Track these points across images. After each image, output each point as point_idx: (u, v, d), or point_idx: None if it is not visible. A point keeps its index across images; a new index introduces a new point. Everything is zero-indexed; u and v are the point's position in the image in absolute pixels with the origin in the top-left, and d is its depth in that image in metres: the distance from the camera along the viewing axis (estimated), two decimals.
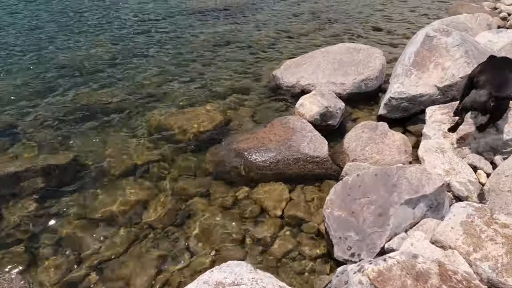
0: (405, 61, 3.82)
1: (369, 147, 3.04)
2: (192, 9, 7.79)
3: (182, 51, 5.67)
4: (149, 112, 4.06)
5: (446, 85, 3.46)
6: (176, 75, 4.89)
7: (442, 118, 3.13)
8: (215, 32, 6.45)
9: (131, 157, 3.37)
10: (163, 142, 3.58)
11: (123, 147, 3.50)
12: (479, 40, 5.09)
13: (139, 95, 4.41)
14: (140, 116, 4.00)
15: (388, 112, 3.71)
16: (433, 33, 3.84)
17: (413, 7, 8.20)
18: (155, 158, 3.37)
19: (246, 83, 4.66)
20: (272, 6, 8.14)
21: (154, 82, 4.72)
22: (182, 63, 5.26)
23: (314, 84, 4.22)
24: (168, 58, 5.43)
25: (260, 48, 5.77)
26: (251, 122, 3.88)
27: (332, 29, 6.67)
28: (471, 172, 2.61)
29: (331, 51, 4.54)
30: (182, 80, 4.76)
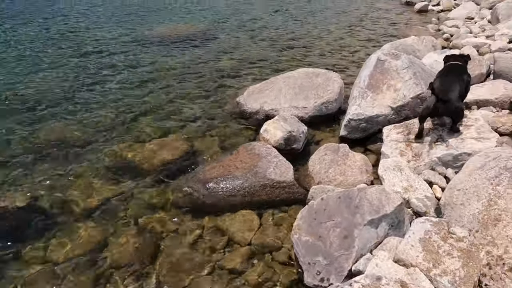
0: (361, 83, 4.03)
1: (332, 169, 3.14)
2: (153, 38, 7.84)
3: (143, 80, 5.65)
4: (110, 145, 3.97)
5: (399, 105, 3.68)
6: (137, 106, 4.85)
7: (398, 137, 3.31)
8: (178, 60, 6.51)
9: (92, 194, 3.26)
10: (125, 176, 3.50)
11: (83, 184, 3.38)
12: (427, 60, 5.49)
13: (99, 127, 4.32)
14: (101, 149, 3.90)
15: (349, 133, 3.87)
16: (384, 57, 4.10)
17: (367, 30, 8.74)
18: (117, 193, 3.28)
19: (210, 111, 4.70)
20: (233, 34, 8.37)
21: (115, 113, 4.64)
22: (143, 93, 5.23)
23: (277, 109, 4.33)
24: (129, 88, 5.38)
25: (222, 75, 5.87)
26: (217, 150, 3.89)
27: (291, 55, 6.94)
28: (427, 187, 2.75)
29: (291, 76, 4.70)
30: (144, 110, 4.72)
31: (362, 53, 6.97)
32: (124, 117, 4.55)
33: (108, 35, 8.03)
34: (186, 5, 11.68)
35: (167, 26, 8.95)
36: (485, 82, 4.49)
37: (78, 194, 3.26)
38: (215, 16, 10.25)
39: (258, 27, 9.00)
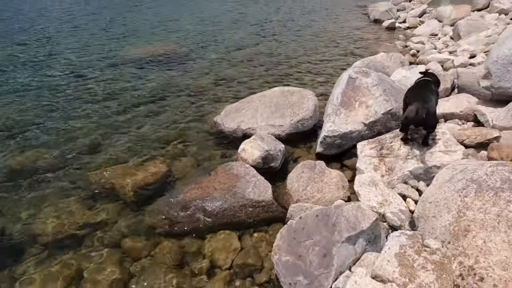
0: (334, 101, 4.15)
1: (310, 187, 3.19)
2: (129, 59, 7.81)
3: (119, 102, 5.59)
4: (84, 170, 3.88)
5: (371, 121, 3.81)
6: (114, 128, 4.78)
7: (371, 152, 3.41)
8: (153, 81, 6.49)
9: (65, 222, 3.16)
10: (101, 201, 3.42)
11: (56, 212, 3.28)
12: (396, 76, 5.74)
13: (72, 152, 4.22)
14: (74, 175, 3.81)
15: (325, 150, 3.95)
16: (355, 75, 4.26)
17: (339, 48, 9.05)
18: (94, 220, 3.20)
19: (188, 132, 4.69)
20: (209, 53, 8.46)
21: (89, 137, 4.56)
22: (120, 114, 5.17)
23: (254, 128, 4.38)
24: (103, 111, 5.30)
25: (199, 95, 5.90)
26: (196, 171, 3.87)
27: (266, 73, 7.07)
28: (401, 201, 2.84)
29: (267, 95, 4.78)
30: (121, 133, 4.66)
31: (334, 70, 7.19)
32: (98, 140, 4.47)
33: (81, 58, 7.93)
34: (160, 25, 11.73)
35: (141, 46, 8.94)
36: (450, 96, 4.73)
37: (50, 223, 3.15)
38: (190, 35, 10.34)
39: (233, 46, 9.14)
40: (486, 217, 2.24)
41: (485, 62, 4.03)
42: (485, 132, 3.38)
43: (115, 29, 10.90)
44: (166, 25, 11.76)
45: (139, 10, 14.98)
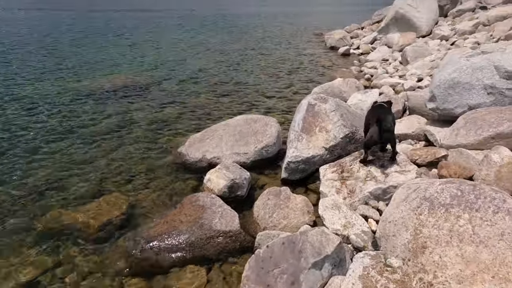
0: (296, 127, 4.29)
1: (276, 213, 3.22)
2: (87, 92, 7.63)
3: (78, 137, 5.40)
4: (42, 209, 3.67)
5: (331, 146, 3.97)
6: (73, 164, 4.59)
7: (333, 176, 3.54)
8: (114, 114, 6.36)
9: (26, 266, 2.94)
10: (62, 242, 3.24)
11: (15, 255, 3.05)
12: (352, 100, 6.06)
13: (31, 191, 3.98)
14: (33, 214, 3.59)
15: (289, 175, 4.04)
16: (314, 101, 4.45)
17: (298, 74, 9.43)
18: (55, 262, 3.01)
19: (152, 164, 4.61)
20: (171, 83, 8.47)
21: (48, 174, 4.34)
22: (79, 150, 4.99)
23: (219, 157, 4.40)
24: (63, 146, 5.09)
25: (162, 126, 5.85)
26: (161, 204, 3.79)
27: (229, 101, 7.18)
28: (363, 222, 2.95)
29: (231, 123, 4.86)
30: (81, 169, 4.48)
31: (295, 96, 7.46)
32: (57, 178, 4.26)
33: (36, 91, 7.63)
34: (119, 56, 11.64)
35: (101, 78, 8.79)
36: (402, 117, 5.05)
37: (10, 267, 2.92)
38: (150, 65, 10.33)
39: (194, 75, 9.23)
40: (440, 233, 2.37)
41: (430, 86, 4.39)
42: (434, 151, 3.63)
43: (73, 61, 10.66)
44: (124, 56, 11.69)
45: (97, 42, 14.82)
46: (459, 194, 2.51)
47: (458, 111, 4.04)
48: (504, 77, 3.69)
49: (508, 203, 2.36)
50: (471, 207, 2.40)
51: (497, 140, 3.34)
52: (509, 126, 3.25)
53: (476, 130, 3.50)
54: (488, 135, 3.38)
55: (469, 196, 2.46)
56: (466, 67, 4.00)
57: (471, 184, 2.60)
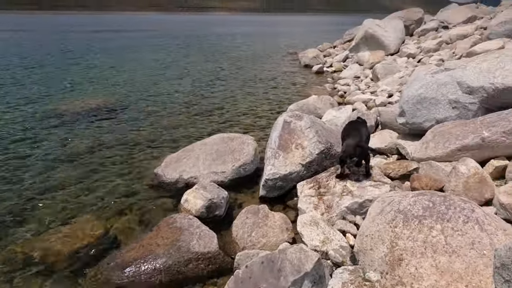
0: (272, 144, 4.33)
1: (254, 232, 3.20)
2: (59, 113, 7.44)
3: (49, 161, 5.21)
4: (10, 240, 3.46)
5: (308, 162, 4.01)
6: (45, 188, 4.41)
7: (310, 192, 3.57)
8: (87, 136, 6.20)
9: None
10: (31, 276, 3.05)
11: None
12: (327, 116, 6.20)
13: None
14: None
15: (267, 192, 4.04)
16: (289, 119, 4.53)
17: (274, 92, 9.59)
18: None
19: (127, 186, 4.49)
20: (145, 103, 8.41)
21: (17, 201, 4.13)
22: (50, 175, 4.80)
23: (196, 177, 4.35)
24: (33, 171, 4.89)
25: (137, 147, 5.75)
26: (136, 228, 3.68)
27: (205, 120, 7.18)
28: (341, 237, 2.97)
29: (208, 142, 4.84)
30: (52, 193, 4.30)
31: (272, 114, 7.56)
32: (26, 206, 4.06)
33: (5, 115, 7.36)
34: (91, 78, 11.46)
35: (73, 101, 8.60)
36: (375, 132, 5.21)
37: None
38: (124, 87, 10.23)
39: (169, 95, 9.21)
40: (415, 245, 2.43)
41: (399, 101, 4.57)
42: (406, 164, 3.75)
43: (41, 84, 10.40)
44: (97, 77, 11.54)
45: (68, 63, 14.57)
46: (431, 205, 2.59)
47: (426, 125, 4.21)
48: (466, 92, 3.90)
49: (476, 213, 2.46)
50: (442, 217, 2.47)
51: (463, 152, 3.49)
52: (474, 139, 3.42)
53: (444, 143, 3.65)
54: (455, 148, 3.53)
55: (440, 207, 2.54)
56: (431, 83, 4.21)
57: (442, 195, 2.69)
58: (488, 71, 3.77)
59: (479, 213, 2.46)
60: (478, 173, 3.03)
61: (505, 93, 3.62)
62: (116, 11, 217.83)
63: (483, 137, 3.38)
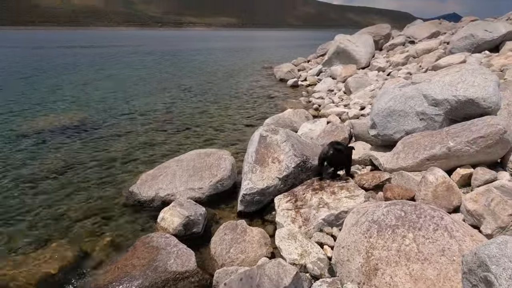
0: (249, 159, 4.35)
1: (233, 248, 3.18)
2: (32, 131, 7.18)
3: (17, 180, 5.00)
4: None
5: (284, 175, 4.06)
6: (14, 209, 4.21)
7: (288, 205, 3.60)
8: (59, 154, 6.01)
9: None
10: None
11: None
12: (302, 129, 6.31)
13: None
14: None
15: (245, 207, 4.04)
16: (265, 133, 4.58)
17: (250, 106, 9.67)
18: None
19: (102, 206, 4.36)
20: (119, 120, 8.26)
21: None
22: (22, 192, 4.61)
23: (173, 194, 4.30)
24: (2, 188, 4.67)
25: (112, 165, 5.61)
26: (112, 249, 3.56)
27: (181, 136, 7.12)
28: (319, 249, 3.00)
29: (184, 159, 4.80)
30: (22, 215, 4.11)
31: (248, 128, 7.61)
32: None
33: None
34: (64, 94, 11.18)
35: (47, 117, 8.36)
36: (349, 144, 5.34)
37: None
38: (98, 103, 10.04)
39: (144, 111, 9.09)
40: (389, 254, 2.49)
41: (370, 114, 4.73)
42: (379, 175, 3.87)
43: (14, 101, 10.03)
44: (71, 94, 11.27)
45: (40, 79, 14.16)
46: (402, 215, 2.68)
47: (397, 136, 4.37)
48: (432, 104, 4.11)
49: (445, 220, 2.56)
50: (414, 226, 2.56)
51: (431, 161, 3.65)
52: (441, 149, 3.58)
53: (413, 153, 3.81)
54: (423, 157, 3.69)
55: (412, 216, 2.63)
56: (399, 96, 4.40)
57: (413, 204, 2.79)
58: (450, 85, 3.99)
59: (448, 220, 2.56)
60: (446, 181, 3.17)
61: (467, 105, 3.83)
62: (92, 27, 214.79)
63: (449, 146, 3.55)
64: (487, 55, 9.00)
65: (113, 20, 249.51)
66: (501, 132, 3.35)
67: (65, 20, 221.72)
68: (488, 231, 2.75)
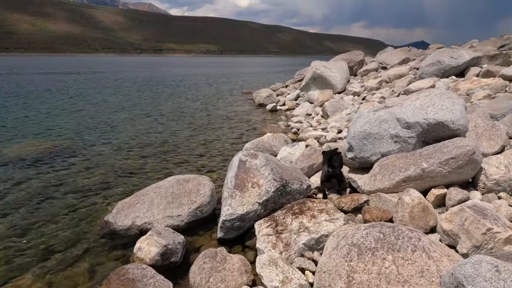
0: (229, 184, 4.31)
1: (213, 278, 3.08)
2: (6, 157, 6.89)
3: None
4: None
5: (264, 200, 4.03)
6: None
7: (268, 230, 3.56)
8: (30, 183, 5.76)
9: None
10: None
11: None
12: (282, 153, 6.35)
13: None
14: None
15: (225, 234, 3.96)
16: (245, 158, 4.58)
17: (229, 131, 9.70)
18: None
19: (75, 237, 4.16)
20: (95, 147, 8.07)
21: None
22: None
23: (151, 222, 4.17)
24: None
25: (87, 193, 5.41)
26: (85, 283, 3.37)
27: (159, 162, 6.99)
28: (300, 275, 2.95)
29: (162, 185, 4.70)
30: None
31: (228, 153, 7.59)
32: None
33: None
34: (38, 120, 10.88)
35: (21, 143, 8.07)
36: None
37: None
38: (72, 129, 9.81)
39: (120, 137, 8.93)
40: (370, 277, 2.48)
41: (347, 137, 4.84)
42: (357, 197, 3.91)
43: None
44: (48, 120, 10.98)
45: (17, 106, 13.77)
46: (381, 237, 2.70)
47: (373, 158, 4.48)
48: (405, 127, 4.26)
49: (422, 241, 2.60)
50: (393, 248, 2.58)
51: (407, 182, 3.74)
52: (415, 170, 3.68)
53: (390, 175, 3.89)
54: (399, 179, 3.77)
55: (390, 238, 2.65)
56: (374, 119, 4.54)
57: (391, 226, 2.82)
58: (421, 108, 4.16)
59: (425, 241, 2.60)
60: (421, 202, 3.24)
61: (437, 127, 4.00)
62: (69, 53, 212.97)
63: (423, 168, 3.65)
64: (454, 80, 9.52)
65: (91, 47, 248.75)
66: (470, 153, 3.49)
67: (41, 47, 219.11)
68: (464, 250, 2.80)
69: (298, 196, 4.25)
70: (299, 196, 4.27)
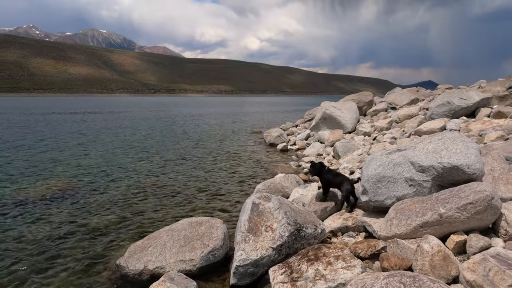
0: (242, 228, 4.27)
1: None
2: (20, 198, 7.00)
3: (4, 247, 4.74)
4: None
5: (278, 245, 3.96)
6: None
7: (283, 278, 3.46)
8: (44, 224, 5.81)
9: None
10: None
11: None
12: (294, 194, 6.31)
13: None
14: None
15: (239, 280, 3.86)
16: (258, 200, 4.57)
17: (241, 171, 9.72)
18: None
19: (86, 280, 4.11)
20: (108, 189, 8.15)
21: None
22: (3, 264, 4.33)
23: (163, 266, 4.11)
24: None
25: (98, 235, 5.41)
26: None
27: (173, 204, 6.98)
28: None
29: (175, 228, 4.68)
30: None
31: (240, 194, 7.57)
32: None
33: None
34: (50, 161, 11.09)
35: (35, 184, 8.22)
36: (341, 210, 5.32)
37: None
38: (88, 169, 9.98)
39: (133, 178, 9.01)
40: None
41: (361, 181, 4.81)
42: (374, 243, 3.82)
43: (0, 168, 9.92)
44: (61, 160, 11.23)
45: (32, 146, 14.18)
46: (401, 287, 2.60)
47: (388, 202, 4.41)
48: (419, 170, 4.23)
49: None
50: None
51: (425, 228, 3.65)
52: (432, 215, 3.61)
53: (406, 220, 3.81)
54: (417, 224, 3.69)
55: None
56: (387, 163, 4.53)
57: (411, 275, 2.73)
58: (434, 152, 4.17)
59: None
60: (441, 250, 3.14)
61: (453, 171, 3.97)
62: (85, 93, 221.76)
63: (440, 213, 3.58)
64: (465, 120, 9.54)
65: (107, 88, 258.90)
66: (489, 199, 3.43)
67: (59, 87, 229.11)
68: None
69: (313, 241, 4.17)
70: (314, 240, 4.19)
